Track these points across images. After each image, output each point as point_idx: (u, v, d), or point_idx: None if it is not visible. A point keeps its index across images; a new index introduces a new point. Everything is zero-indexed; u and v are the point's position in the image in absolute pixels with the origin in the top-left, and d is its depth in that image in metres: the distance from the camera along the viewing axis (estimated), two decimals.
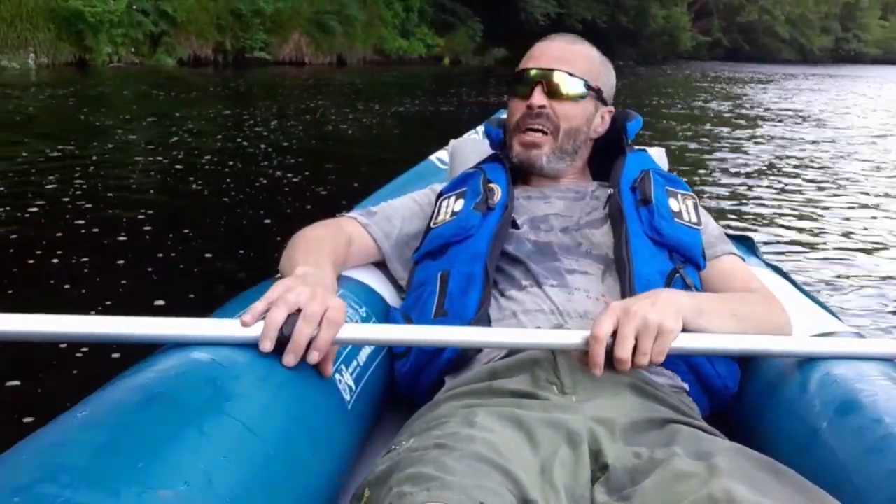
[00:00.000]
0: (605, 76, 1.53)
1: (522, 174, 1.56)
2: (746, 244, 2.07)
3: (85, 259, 3.64)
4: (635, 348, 1.04)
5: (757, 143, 9.86)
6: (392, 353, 1.33)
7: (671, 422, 1.07)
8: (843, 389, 1.06)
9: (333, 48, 23.12)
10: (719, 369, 1.26)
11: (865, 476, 0.93)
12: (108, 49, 16.45)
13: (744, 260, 1.50)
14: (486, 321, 1.27)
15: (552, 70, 1.44)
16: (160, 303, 3.10)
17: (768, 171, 7.60)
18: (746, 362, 1.31)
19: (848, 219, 5.66)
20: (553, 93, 1.44)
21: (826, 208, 6.03)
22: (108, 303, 3.03)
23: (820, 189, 6.81)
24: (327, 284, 1.12)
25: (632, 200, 1.40)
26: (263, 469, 0.83)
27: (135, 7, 16.93)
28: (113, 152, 6.76)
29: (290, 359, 0.97)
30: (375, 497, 0.87)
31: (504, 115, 1.65)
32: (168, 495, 0.69)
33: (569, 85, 1.45)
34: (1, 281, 3.33)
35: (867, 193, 6.77)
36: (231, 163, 6.46)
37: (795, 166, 8.03)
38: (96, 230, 4.17)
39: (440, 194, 1.55)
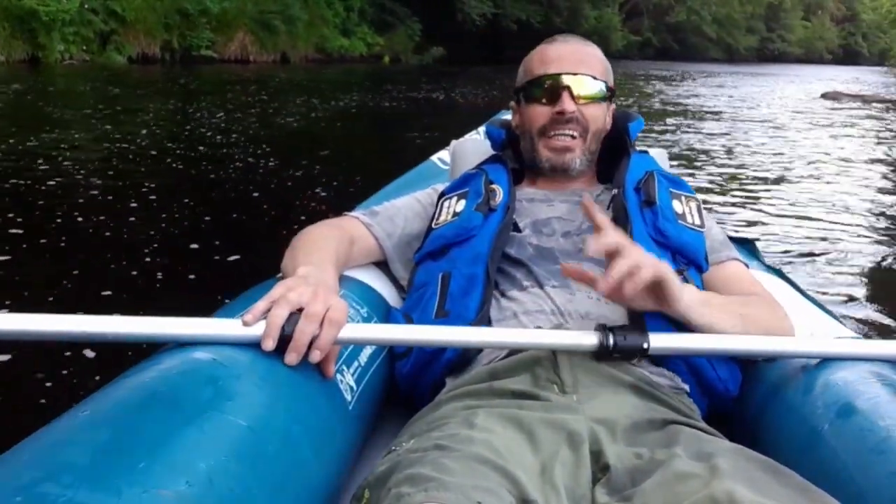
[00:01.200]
0: (611, 74, 1.53)
1: (525, 175, 1.58)
2: (747, 247, 2.05)
3: (47, 251, 3.71)
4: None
5: (710, 136, 10.32)
6: (393, 354, 1.34)
7: (672, 422, 1.07)
8: (844, 391, 1.07)
9: (277, 46, 23.77)
10: (720, 373, 1.26)
11: (867, 478, 0.93)
12: (60, 47, 17.06)
13: (747, 266, 1.49)
14: (486, 322, 1.28)
15: (577, 74, 1.44)
16: (122, 297, 3.14)
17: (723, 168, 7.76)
18: (748, 367, 1.31)
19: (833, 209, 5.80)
20: (580, 96, 1.44)
21: (776, 193, 6.31)
22: (66, 297, 3.10)
23: (783, 181, 7.09)
24: (329, 285, 1.12)
25: (636, 201, 1.40)
26: (265, 469, 0.83)
27: (86, 6, 17.52)
28: (81, 142, 7.12)
29: (291, 357, 0.98)
30: (375, 498, 0.88)
31: (506, 117, 1.63)
32: (169, 495, 0.69)
33: (594, 88, 1.46)
34: None
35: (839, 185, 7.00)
36: (201, 148, 7.05)
37: (753, 163, 8.13)
38: (66, 219, 4.29)
39: (442, 194, 1.55)
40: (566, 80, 1.44)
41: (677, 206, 1.42)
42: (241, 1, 22.12)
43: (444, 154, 2.73)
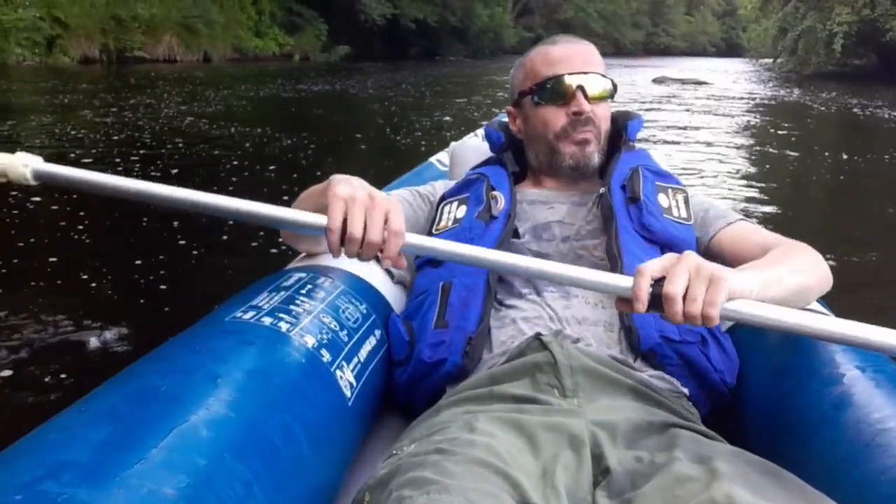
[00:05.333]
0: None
1: (527, 176, 1.57)
2: None
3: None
4: (685, 297, 0.95)
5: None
6: (391, 361, 1.32)
7: (672, 425, 1.07)
8: (839, 386, 1.06)
9: (200, 47, 26.01)
10: (716, 364, 1.25)
11: (863, 472, 0.92)
12: (17, 50, 19.28)
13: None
14: (486, 332, 1.27)
15: (588, 73, 1.41)
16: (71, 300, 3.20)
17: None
18: (744, 364, 1.28)
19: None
20: (593, 96, 1.41)
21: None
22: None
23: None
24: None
25: (621, 198, 1.38)
26: (265, 467, 0.83)
27: (36, 14, 19.73)
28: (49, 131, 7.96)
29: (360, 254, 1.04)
30: (376, 501, 0.88)
31: (506, 119, 1.62)
32: (170, 493, 0.69)
33: (603, 86, 1.43)
34: None
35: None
36: (146, 134, 8.10)
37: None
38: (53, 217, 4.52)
39: (442, 198, 1.53)
40: (579, 79, 1.41)
41: (663, 200, 1.40)
42: (166, 7, 24.33)
43: (443, 156, 2.71)
